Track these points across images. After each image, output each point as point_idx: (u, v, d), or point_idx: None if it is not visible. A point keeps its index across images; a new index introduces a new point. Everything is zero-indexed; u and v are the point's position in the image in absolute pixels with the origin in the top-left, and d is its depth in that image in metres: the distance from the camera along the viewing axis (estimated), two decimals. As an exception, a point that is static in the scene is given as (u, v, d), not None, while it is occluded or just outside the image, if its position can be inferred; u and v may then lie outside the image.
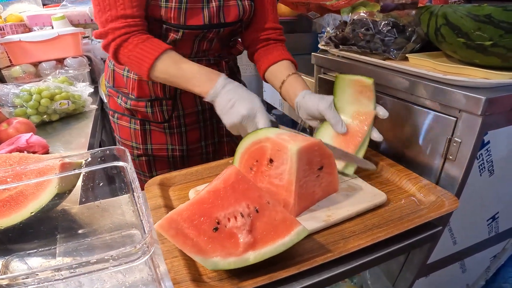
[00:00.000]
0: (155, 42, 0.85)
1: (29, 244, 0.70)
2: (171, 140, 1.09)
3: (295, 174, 0.65)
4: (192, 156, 1.14)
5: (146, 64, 0.83)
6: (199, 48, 0.98)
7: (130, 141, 1.10)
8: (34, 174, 0.70)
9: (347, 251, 0.59)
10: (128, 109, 1.05)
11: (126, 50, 0.83)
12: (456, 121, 0.77)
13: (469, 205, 0.86)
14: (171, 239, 0.55)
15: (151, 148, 1.09)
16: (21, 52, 1.70)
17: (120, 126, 1.11)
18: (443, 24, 0.79)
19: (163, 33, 0.92)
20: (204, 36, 0.95)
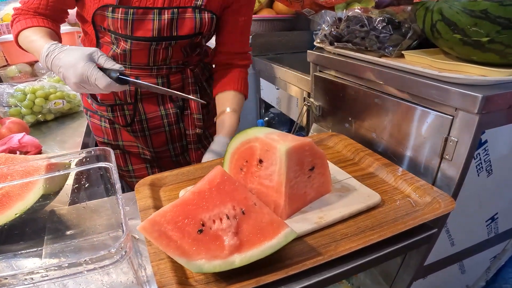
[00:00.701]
0: (33, 20, 0.89)
1: (15, 246, 0.69)
2: (138, 141, 1.11)
3: (285, 175, 0.63)
4: (161, 158, 1.16)
5: (15, 34, 0.89)
6: (156, 57, 0.97)
7: (102, 137, 1.13)
8: (19, 175, 0.68)
9: (337, 255, 0.58)
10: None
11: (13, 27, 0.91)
12: (453, 119, 0.75)
13: (467, 206, 0.84)
14: (154, 241, 0.53)
15: (122, 144, 1.12)
16: (17, 51, 1.67)
17: (92, 124, 1.14)
18: (439, 20, 0.77)
19: (113, 41, 0.93)
20: (156, 47, 0.94)
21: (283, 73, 1.56)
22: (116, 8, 0.87)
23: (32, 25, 0.88)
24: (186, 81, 1.05)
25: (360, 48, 0.96)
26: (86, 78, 0.75)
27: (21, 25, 0.88)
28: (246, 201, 0.57)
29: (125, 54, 0.95)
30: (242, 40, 1.06)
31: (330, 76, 1.10)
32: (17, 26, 0.89)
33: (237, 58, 1.06)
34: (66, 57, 0.77)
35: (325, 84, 1.12)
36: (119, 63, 0.94)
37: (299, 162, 0.66)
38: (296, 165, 0.66)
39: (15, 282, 0.40)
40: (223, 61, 1.07)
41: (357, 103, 1.01)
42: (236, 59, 1.06)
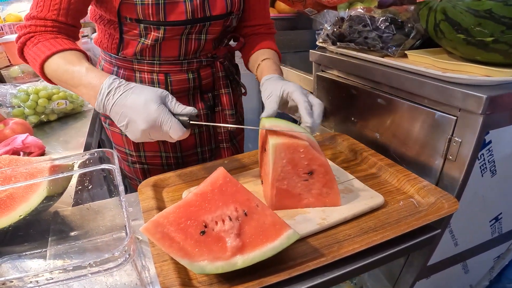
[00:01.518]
0: (54, 41, 0.75)
1: (20, 247, 0.69)
2: (164, 147, 1.04)
3: (272, 167, 0.66)
4: (187, 163, 1.09)
5: (40, 60, 0.74)
6: (188, 48, 0.92)
7: (123, 147, 1.06)
8: (23, 177, 0.69)
9: (340, 256, 0.58)
10: None
11: (27, 48, 0.76)
12: (456, 120, 0.75)
13: (471, 206, 0.83)
14: (157, 243, 0.53)
15: (144, 156, 1.05)
16: (20, 52, 1.70)
17: (112, 133, 1.06)
18: (442, 20, 0.76)
19: (142, 33, 0.87)
20: (190, 33, 0.89)
21: (285, 72, 1.55)
22: None
23: (63, 48, 0.75)
24: (216, 75, 1.01)
25: (362, 48, 0.96)
26: (158, 125, 0.67)
27: (48, 48, 0.74)
28: (249, 202, 0.57)
29: (154, 46, 0.89)
30: (265, 12, 1.03)
31: (333, 76, 1.10)
32: (41, 48, 0.74)
33: (263, 28, 1.02)
34: (135, 96, 0.68)
35: (328, 84, 1.12)
36: (147, 58, 0.90)
37: (291, 161, 0.67)
38: (288, 164, 0.67)
39: (21, 284, 0.41)
40: (250, 32, 1.02)
41: (360, 103, 1.01)
42: (262, 29, 1.02)
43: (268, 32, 1.03)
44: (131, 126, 0.68)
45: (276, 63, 0.93)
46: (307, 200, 0.70)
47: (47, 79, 0.78)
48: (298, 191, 0.69)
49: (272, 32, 1.05)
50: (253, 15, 1.01)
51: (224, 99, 1.04)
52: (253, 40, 1.01)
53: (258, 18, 1.01)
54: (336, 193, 0.70)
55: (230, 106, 1.04)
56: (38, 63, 0.74)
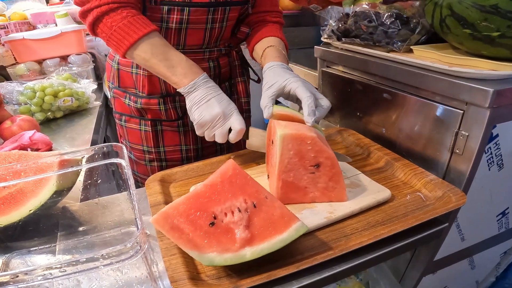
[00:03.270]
0: (145, 20, 0.79)
1: (29, 242, 0.70)
2: (185, 140, 1.04)
3: (279, 159, 0.67)
4: (206, 155, 1.09)
5: (131, 38, 0.76)
6: (211, 36, 0.93)
7: (141, 144, 1.04)
8: (33, 171, 0.69)
9: (348, 249, 0.58)
10: (138, 109, 0.99)
11: (111, 20, 0.76)
12: (463, 114, 0.75)
13: (478, 200, 0.83)
14: (166, 234, 0.54)
15: (163, 151, 1.04)
16: (25, 49, 1.70)
17: (128, 130, 1.04)
18: (448, 15, 0.76)
19: (165, 15, 0.86)
20: (213, 20, 0.90)
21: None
22: None
23: (154, 28, 0.79)
24: (233, 64, 1.03)
25: (368, 44, 0.96)
26: (229, 113, 0.78)
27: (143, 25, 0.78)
28: (258, 194, 0.58)
29: (180, 30, 0.89)
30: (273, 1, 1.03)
31: (338, 72, 1.10)
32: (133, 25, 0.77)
33: (269, 15, 1.01)
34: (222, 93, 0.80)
35: (333, 80, 1.12)
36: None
37: (298, 153, 0.67)
38: (295, 155, 0.67)
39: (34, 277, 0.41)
40: (256, 19, 1.02)
41: (365, 98, 1.01)
42: (269, 16, 1.01)
43: (275, 20, 1.02)
44: (210, 104, 0.78)
45: (281, 50, 0.92)
46: (313, 194, 0.70)
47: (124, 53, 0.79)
48: (304, 184, 0.69)
49: (279, 21, 1.03)
50: (260, 2, 1.00)
51: (240, 87, 1.05)
52: (259, 28, 1.00)
53: (265, 4, 1.01)
54: (342, 187, 0.70)
55: (246, 94, 1.06)
56: (132, 38, 0.77)
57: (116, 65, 1.00)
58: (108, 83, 1.09)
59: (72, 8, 1.96)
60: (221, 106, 0.77)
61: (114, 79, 1.02)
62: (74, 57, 1.78)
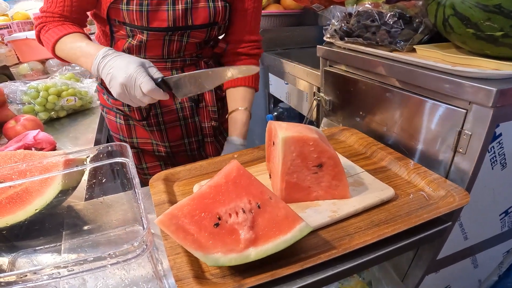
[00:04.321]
0: (62, 27, 0.89)
1: (35, 241, 0.71)
2: (153, 136, 1.12)
3: (282, 161, 0.67)
4: (176, 153, 1.16)
5: (50, 45, 0.89)
6: (170, 49, 0.98)
7: (118, 134, 1.15)
8: (38, 171, 0.70)
9: (352, 248, 0.58)
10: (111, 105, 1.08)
11: (42, 34, 0.91)
12: (466, 113, 0.75)
13: (481, 199, 0.83)
14: (171, 235, 0.54)
15: (137, 142, 1.13)
16: (28, 49, 1.71)
17: (108, 120, 1.16)
18: (451, 15, 0.76)
19: (129, 34, 0.94)
20: (172, 35, 0.95)
21: (292, 68, 1.56)
22: (130, 0, 0.88)
23: (68, 32, 0.89)
24: None
25: (370, 43, 0.96)
26: (133, 80, 0.77)
27: (56, 33, 0.88)
28: (262, 195, 0.58)
29: (140, 45, 0.96)
30: (252, 28, 1.05)
31: (340, 71, 1.10)
32: (51, 34, 0.89)
33: (247, 47, 1.05)
34: (121, 60, 0.79)
35: (335, 79, 1.12)
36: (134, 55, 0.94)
37: (301, 154, 0.67)
38: (297, 157, 0.67)
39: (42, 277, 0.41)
40: (233, 50, 1.06)
41: (368, 97, 1.01)
42: (247, 48, 1.05)
43: (253, 53, 1.06)
44: (114, 81, 0.78)
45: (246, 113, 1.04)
46: (317, 193, 0.71)
47: (57, 57, 0.93)
48: (308, 184, 0.70)
49: (257, 53, 1.07)
50: (238, 29, 1.04)
51: (207, 97, 1.10)
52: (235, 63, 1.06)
53: (243, 33, 1.04)
54: (345, 185, 0.71)
55: (213, 103, 1.10)
56: (51, 44, 0.89)
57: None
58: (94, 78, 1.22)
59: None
60: (121, 76, 0.77)
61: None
62: (77, 56, 1.78)
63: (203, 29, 0.97)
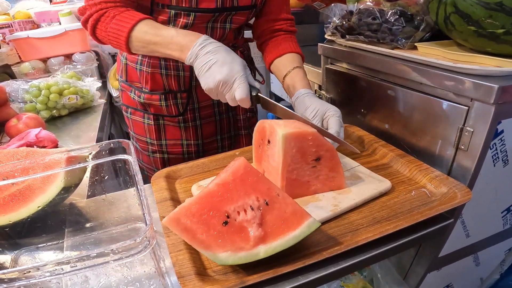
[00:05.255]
0: (132, 12, 0.80)
1: (37, 238, 0.71)
2: (186, 135, 1.07)
3: (282, 158, 0.66)
4: (207, 151, 1.12)
5: (124, 34, 0.78)
6: (212, 36, 0.93)
7: (144, 136, 1.08)
8: (41, 168, 0.70)
9: (354, 244, 0.58)
10: (142, 103, 1.03)
11: (103, 24, 0.80)
12: (468, 110, 0.75)
13: (483, 196, 0.83)
14: (180, 235, 0.54)
15: (165, 144, 1.08)
16: (30, 48, 1.71)
17: (134, 122, 1.09)
18: (453, 12, 0.76)
19: (172, 18, 0.89)
20: (215, 21, 0.92)
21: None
22: None
23: (141, 18, 0.79)
24: None
25: (372, 41, 0.96)
26: (232, 80, 0.73)
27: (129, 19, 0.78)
28: (270, 192, 0.58)
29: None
30: (286, 6, 1.03)
31: (342, 69, 1.10)
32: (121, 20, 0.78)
33: (285, 24, 1.02)
34: (226, 54, 0.75)
35: (337, 77, 1.12)
36: None
37: (300, 150, 0.67)
38: (297, 152, 0.67)
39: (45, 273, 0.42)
40: (271, 28, 1.03)
41: (369, 95, 1.01)
42: (285, 25, 1.02)
43: (290, 30, 1.04)
44: (212, 72, 0.73)
45: (305, 72, 0.95)
46: (315, 186, 0.71)
47: (127, 48, 0.81)
48: (307, 179, 0.70)
49: (293, 30, 1.05)
50: (275, 8, 1.01)
51: None
52: (276, 40, 1.02)
53: (280, 11, 1.02)
54: (341, 175, 0.72)
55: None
56: (124, 33, 0.78)
57: (125, 60, 1.03)
58: (117, 76, 1.12)
59: (76, 6, 1.97)
60: (221, 73, 0.72)
61: (122, 73, 1.06)
62: (78, 55, 1.79)
63: (245, 12, 0.95)
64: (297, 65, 0.95)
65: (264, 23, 1.03)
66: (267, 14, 1.02)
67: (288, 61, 0.97)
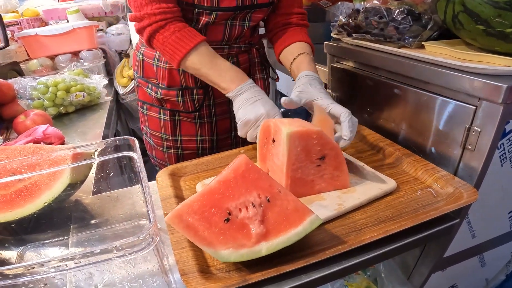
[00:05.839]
0: (191, 32, 0.85)
1: (43, 235, 0.71)
2: (201, 131, 1.09)
3: (287, 157, 0.66)
4: (221, 147, 1.13)
5: (181, 53, 0.84)
6: (231, 33, 0.97)
7: (159, 132, 1.10)
8: (47, 164, 0.70)
9: (358, 244, 0.58)
10: (158, 99, 1.04)
11: (161, 36, 0.84)
12: (476, 109, 0.74)
13: (489, 197, 0.83)
14: (182, 232, 0.54)
15: (180, 140, 1.09)
16: (38, 45, 1.73)
17: (149, 117, 1.11)
18: (461, 11, 0.76)
19: (195, 17, 0.91)
20: (235, 18, 0.94)
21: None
22: None
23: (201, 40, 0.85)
24: (252, 61, 1.06)
25: (378, 39, 0.95)
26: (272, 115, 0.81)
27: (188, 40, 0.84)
28: (271, 188, 0.58)
29: (201, 30, 0.93)
30: (298, 1, 1.04)
31: (348, 67, 1.09)
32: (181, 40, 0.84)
33: (296, 18, 1.03)
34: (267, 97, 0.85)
35: (343, 75, 1.12)
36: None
37: (305, 149, 0.67)
38: (302, 151, 0.67)
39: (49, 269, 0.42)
40: (283, 21, 1.04)
41: (375, 94, 1.01)
42: (296, 19, 1.03)
43: (301, 23, 1.04)
44: (256, 105, 0.82)
45: (312, 59, 0.96)
46: (319, 185, 0.71)
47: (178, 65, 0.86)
48: (311, 178, 0.70)
49: (305, 24, 1.05)
50: (287, 2, 1.02)
51: (259, 84, 1.07)
52: (286, 31, 1.03)
53: (292, 5, 1.02)
54: (346, 174, 0.71)
55: (264, 91, 1.05)
56: (181, 54, 0.84)
57: (141, 56, 1.05)
58: (133, 73, 1.14)
59: (83, 4, 1.98)
60: (265, 108, 0.81)
61: (138, 69, 1.07)
62: (85, 52, 1.80)
63: (263, 9, 0.96)
64: (304, 51, 0.96)
65: (276, 16, 1.04)
66: (280, 8, 1.03)
67: (296, 48, 0.98)
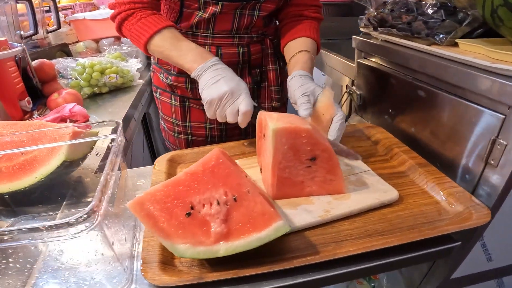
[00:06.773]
0: (158, 18, 0.86)
1: (35, 208, 0.73)
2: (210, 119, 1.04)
3: (272, 154, 0.62)
4: (230, 136, 1.12)
5: (144, 37, 0.84)
6: (240, 23, 0.94)
7: (170, 117, 1.12)
8: (48, 141, 0.73)
9: (331, 257, 0.53)
10: (169, 85, 1.06)
11: (129, 23, 0.86)
12: (504, 119, 0.64)
13: (510, 219, 0.72)
14: (141, 220, 0.53)
15: (190, 126, 1.10)
16: (85, 29, 1.82)
17: (162, 102, 1.13)
18: (500, 5, 0.66)
19: (201, 6, 0.91)
20: (244, 8, 0.91)
21: (330, 58, 1.48)
22: None
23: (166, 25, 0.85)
24: (265, 52, 1.03)
25: (406, 34, 0.86)
26: (237, 94, 0.78)
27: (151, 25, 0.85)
28: (240, 187, 0.55)
29: (209, 20, 0.93)
30: None
31: (374, 64, 1.01)
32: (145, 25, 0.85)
33: (308, 11, 1.00)
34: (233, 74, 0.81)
35: (368, 72, 1.04)
36: (202, 31, 0.95)
37: (293, 147, 0.62)
38: (289, 150, 0.62)
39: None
40: (294, 12, 1.01)
41: (399, 94, 0.92)
42: (307, 11, 1.00)
43: (314, 16, 0.99)
44: (219, 84, 0.78)
45: (310, 57, 0.92)
46: (310, 188, 0.66)
47: (146, 50, 0.88)
48: (301, 179, 0.65)
49: (318, 17, 1.00)
50: None
51: (271, 75, 1.04)
52: (295, 23, 0.99)
53: None
54: (341, 179, 0.65)
55: (276, 82, 1.05)
56: (145, 37, 0.85)
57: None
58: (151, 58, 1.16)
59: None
60: (228, 85, 0.77)
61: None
62: (127, 37, 1.87)
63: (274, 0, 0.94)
64: (304, 48, 0.92)
65: (289, 6, 1.00)
66: None
67: (298, 44, 0.94)
